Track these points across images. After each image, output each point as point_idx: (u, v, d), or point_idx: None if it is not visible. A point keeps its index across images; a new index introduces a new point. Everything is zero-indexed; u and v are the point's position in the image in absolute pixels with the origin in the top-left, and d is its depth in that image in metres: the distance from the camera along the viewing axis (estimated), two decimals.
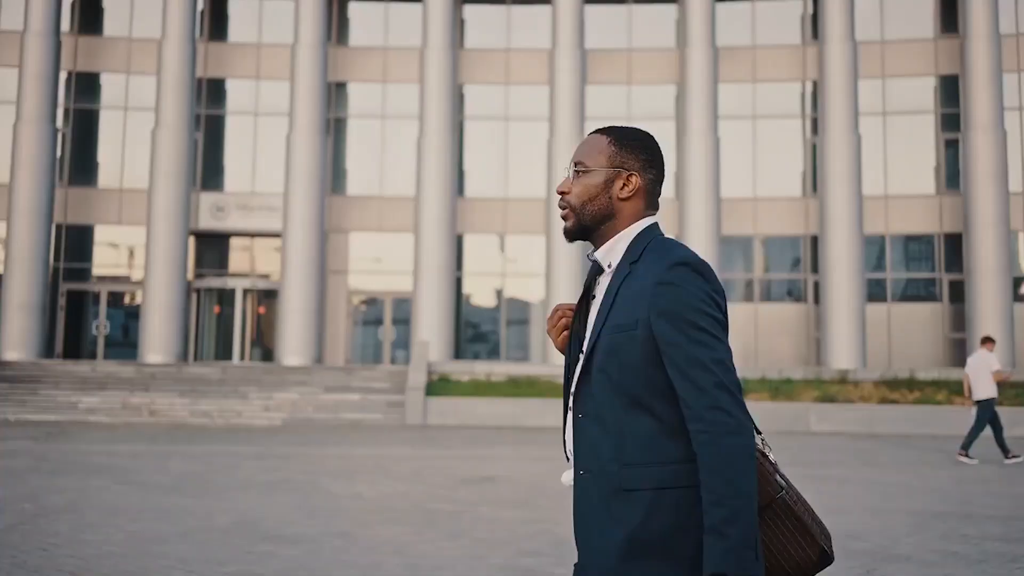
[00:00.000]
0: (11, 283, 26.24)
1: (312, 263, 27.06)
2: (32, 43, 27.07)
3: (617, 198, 2.21)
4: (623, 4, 29.81)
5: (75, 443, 15.53)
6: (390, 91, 29.57)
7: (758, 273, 28.87)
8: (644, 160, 2.23)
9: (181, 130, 27.24)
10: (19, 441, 15.61)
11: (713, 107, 27.45)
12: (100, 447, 14.85)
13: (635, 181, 2.21)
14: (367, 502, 9.22)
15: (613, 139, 2.24)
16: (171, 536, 7.24)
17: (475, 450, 15.22)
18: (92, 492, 9.54)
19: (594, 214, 2.22)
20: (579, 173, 2.24)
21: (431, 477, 11.44)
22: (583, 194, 2.22)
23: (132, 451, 14.28)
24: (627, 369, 2.08)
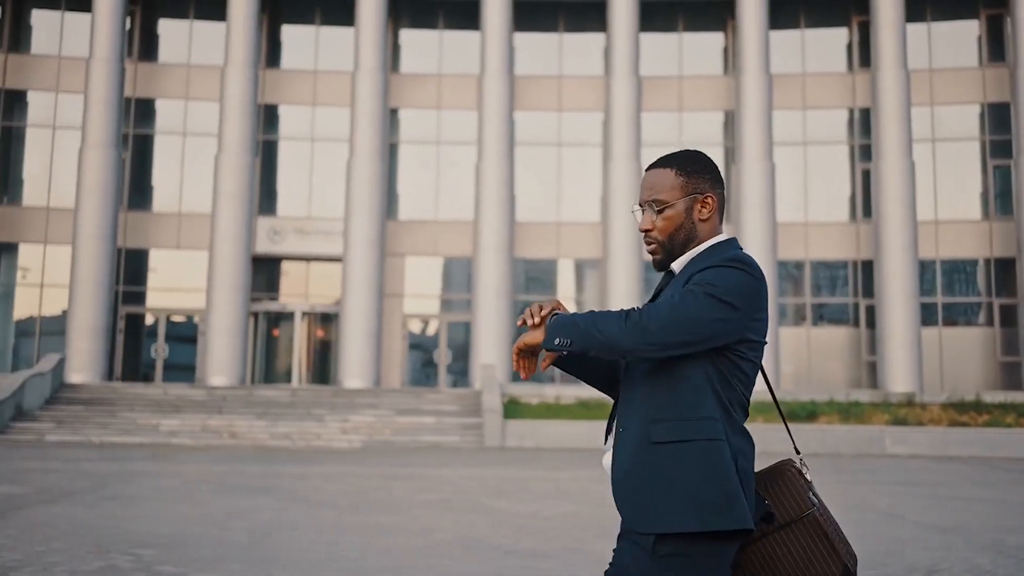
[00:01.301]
0: (77, 307, 26.47)
1: (372, 287, 27.34)
2: (97, 69, 27.42)
3: (698, 220, 2.40)
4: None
5: (189, 464, 15.73)
6: (445, 117, 29.93)
7: (809, 297, 29.21)
8: (711, 179, 2.43)
9: (243, 155, 27.59)
10: (132, 463, 15.81)
11: (768, 133, 27.88)
12: (222, 467, 15.06)
13: (711, 202, 2.41)
14: (559, 520, 9.47)
15: (678, 169, 2.42)
16: (424, 550, 7.48)
17: (586, 471, 15.46)
18: (293, 512, 9.76)
19: (681, 241, 2.41)
20: (661, 211, 2.40)
21: (587, 496, 11.68)
22: (668, 228, 2.41)
23: (262, 472, 14.50)
24: None
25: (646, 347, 2.20)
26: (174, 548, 7.31)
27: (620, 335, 2.20)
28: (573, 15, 30.55)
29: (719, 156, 29.94)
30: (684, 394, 2.27)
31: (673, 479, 2.22)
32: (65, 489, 11.37)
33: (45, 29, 29.96)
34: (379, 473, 14.70)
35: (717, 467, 2.22)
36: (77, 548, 7.25)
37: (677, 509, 2.20)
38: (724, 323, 2.23)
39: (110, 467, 14.82)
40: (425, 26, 30.63)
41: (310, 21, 30.55)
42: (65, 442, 20.55)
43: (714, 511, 2.19)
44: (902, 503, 11.52)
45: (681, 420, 2.26)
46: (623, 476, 2.30)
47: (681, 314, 2.20)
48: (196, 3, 30.06)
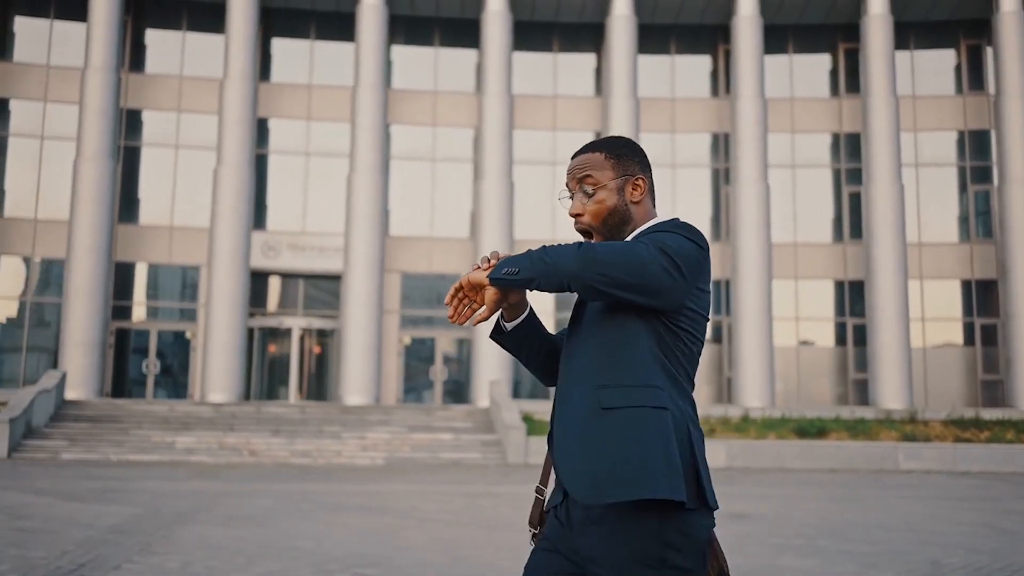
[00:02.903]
0: (71, 321, 25.90)
1: (372, 303, 27.26)
2: (93, 79, 26.93)
3: (631, 202, 2.37)
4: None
5: (246, 483, 15.52)
6: (440, 134, 30.00)
7: (799, 315, 29.86)
8: (639, 162, 2.40)
9: (242, 168, 27.32)
10: (179, 482, 15.56)
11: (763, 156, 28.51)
12: (284, 487, 14.90)
13: (642, 184, 2.39)
14: None
15: (609, 152, 2.38)
16: None
17: None
18: (431, 530, 9.74)
19: (613, 224, 2.37)
20: (590, 193, 2.37)
21: None
22: (600, 211, 2.36)
23: (331, 490, 14.38)
24: (607, 307, 2.27)
25: (593, 276, 2.12)
26: (394, 568, 7.30)
27: (569, 260, 2.12)
28: (567, 37, 30.92)
29: (707, 178, 30.60)
30: (630, 362, 2.23)
31: (624, 446, 2.16)
32: (178, 510, 11.18)
33: (30, 37, 29.29)
34: (445, 490, 14.69)
35: (664, 436, 2.16)
36: (301, 569, 7.20)
37: (627, 478, 2.13)
38: (670, 279, 2.17)
39: (165, 487, 14.56)
40: (421, 43, 30.64)
41: (305, 35, 30.38)
42: (82, 460, 20.07)
43: (661, 480, 2.13)
44: (996, 519, 11.92)
45: (630, 386, 2.21)
46: (571, 446, 2.23)
47: (632, 256, 2.13)
48: (188, 15, 29.67)
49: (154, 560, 7.52)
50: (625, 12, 28.79)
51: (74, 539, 8.58)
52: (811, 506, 13.17)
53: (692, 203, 30.45)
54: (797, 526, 10.72)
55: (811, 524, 10.90)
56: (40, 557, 7.54)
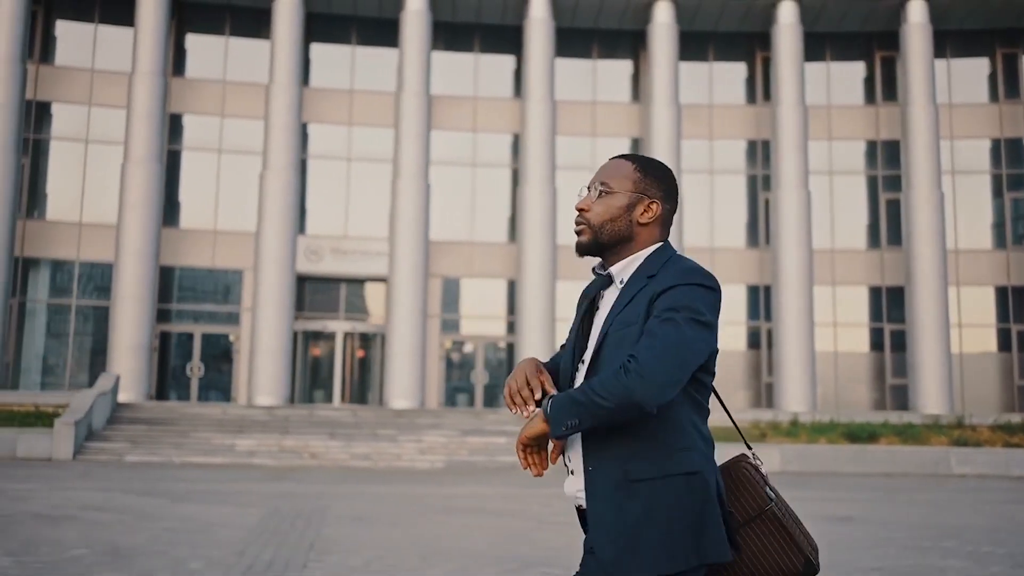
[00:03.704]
0: (119, 324, 26.02)
1: (417, 307, 27.42)
2: (140, 84, 27.08)
3: (637, 222, 2.32)
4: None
5: (332, 486, 15.67)
6: (480, 140, 30.19)
7: (837, 320, 30.07)
8: (665, 190, 2.35)
9: (288, 173, 27.49)
10: (265, 483, 15.70)
11: (804, 163, 28.72)
12: (374, 489, 15.06)
13: (656, 208, 2.32)
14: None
15: (638, 166, 2.35)
16: None
17: None
18: (574, 534, 9.93)
19: (612, 234, 2.32)
20: (603, 194, 2.33)
21: None
22: (604, 213, 2.32)
23: (416, 493, 14.54)
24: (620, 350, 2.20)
25: (661, 391, 2.10)
26: (574, 568, 7.48)
27: (629, 393, 2.09)
28: (606, 43, 31.13)
29: (743, 184, 30.83)
30: (659, 425, 2.18)
31: (652, 519, 2.15)
32: (298, 511, 11.33)
33: (74, 41, 29.43)
34: (532, 493, 14.85)
35: (697, 501, 2.16)
36: (484, 569, 7.37)
37: (656, 551, 2.14)
38: (708, 345, 2.20)
39: (259, 488, 14.71)
40: (462, 49, 30.82)
41: (347, 41, 30.54)
42: (147, 463, 20.20)
43: (692, 549, 2.15)
44: None
45: (661, 455, 2.18)
46: (602, 518, 2.21)
47: (679, 347, 2.12)
48: (232, 21, 29.82)
49: (334, 559, 7.69)
50: (667, 20, 29.01)
51: (231, 538, 8.74)
52: (904, 509, 13.37)
53: (729, 209, 30.68)
54: (909, 528, 10.91)
55: (921, 526, 11.09)
56: (220, 556, 7.71)
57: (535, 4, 28.86)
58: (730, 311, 29.97)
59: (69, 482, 14.91)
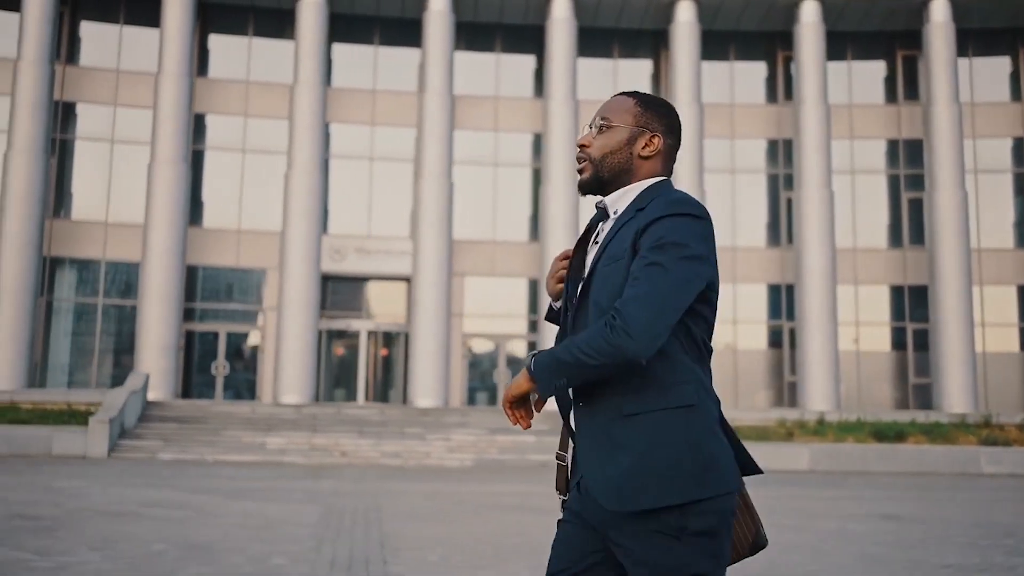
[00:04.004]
0: (146, 323, 26.16)
1: (441, 307, 27.53)
2: (166, 84, 27.20)
3: (638, 155, 2.29)
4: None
5: (368, 483, 15.76)
6: (502, 139, 30.29)
7: (860, 319, 30.12)
8: (667, 124, 2.33)
9: (313, 173, 27.60)
10: (302, 481, 15.81)
11: (827, 163, 28.77)
12: (403, 486, 15.16)
13: (657, 142, 2.30)
14: (866, 537, 9.87)
15: (639, 101, 2.33)
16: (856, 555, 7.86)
17: (775, 489, 15.86)
18: None
19: (613, 167, 2.29)
20: (603, 128, 2.31)
21: (831, 515, 12.12)
22: (605, 147, 2.30)
23: (456, 491, 14.64)
24: (614, 297, 2.16)
25: (652, 342, 2.08)
26: None
27: (618, 350, 2.07)
28: (626, 43, 31.20)
29: (763, 183, 30.89)
30: (652, 360, 2.13)
31: (650, 452, 2.11)
32: (354, 508, 11.43)
33: (97, 42, 29.55)
34: None
35: (694, 434, 2.13)
36: None
37: (657, 483, 2.10)
38: (701, 279, 2.15)
39: (304, 486, 14.81)
40: (483, 48, 30.91)
41: (369, 41, 30.64)
42: (181, 460, 20.32)
43: (695, 481, 2.10)
44: None
45: (653, 388, 2.15)
46: (593, 453, 2.19)
47: (666, 293, 2.09)
48: (255, 21, 29.93)
49: (408, 555, 7.78)
50: (689, 18, 29.08)
51: (299, 535, 8.83)
52: (946, 508, 13.44)
53: (750, 208, 30.75)
54: (960, 526, 10.98)
55: (972, 524, 11.16)
56: (299, 551, 7.80)
57: (557, 4, 28.95)
58: (751, 310, 30.08)
59: (114, 479, 15.02)
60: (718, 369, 28.56)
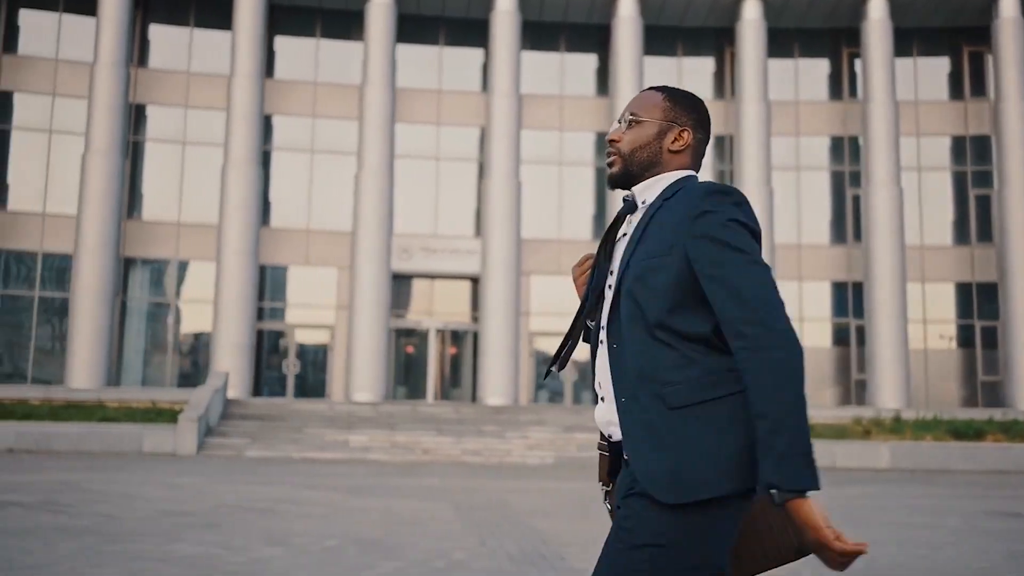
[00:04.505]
0: (223, 323, 26.50)
1: (510, 306, 27.70)
2: (238, 86, 27.55)
3: (667, 150, 2.28)
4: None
5: (462, 480, 15.94)
6: (567, 138, 30.41)
7: (929, 317, 29.97)
8: (696, 119, 2.31)
9: (383, 173, 27.84)
10: (402, 479, 16.01)
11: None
12: (498, 484, 15.32)
13: (687, 136, 2.28)
14: (1006, 535, 9.90)
15: (668, 96, 2.32)
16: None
17: (872, 487, 15.91)
18: None
19: (642, 161, 2.28)
20: (632, 124, 2.30)
21: (952, 512, 12.14)
22: (634, 142, 2.29)
23: (555, 488, 14.79)
24: (660, 293, 2.12)
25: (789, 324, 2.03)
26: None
27: (783, 361, 2.00)
28: (691, 41, 31.22)
29: (827, 180, 30.79)
30: (692, 349, 2.11)
31: (702, 443, 2.06)
32: (475, 504, 11.59)
33: (168, 44, 29.94)
34: None
35: (738, 425, 2.07)
36: None
37: (713, 473, 2.04)
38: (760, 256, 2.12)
39: (409, 483, 15.02)
40: (548, 48, 31.04)
41: (434, 42, 30.85)
42: (267, 458, 20.61)
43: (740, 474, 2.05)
44: None
45: (700, 379, 2.09)
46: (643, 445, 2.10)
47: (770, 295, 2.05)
48: (322, 23, 30.22)
49: (574, 551, 7.91)
50: (755, 16, 29.06)
51: (454, 531, 9.00)
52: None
53: (814, 205, 30.69)
54: None
55: None
56: (471, 545, 7.96)
57: (623, 2, 29.04)
58: (816, 308, 30.03)
59: (223, 476, 15.29)
60: None
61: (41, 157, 28.42)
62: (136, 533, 8.40)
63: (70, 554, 7.18)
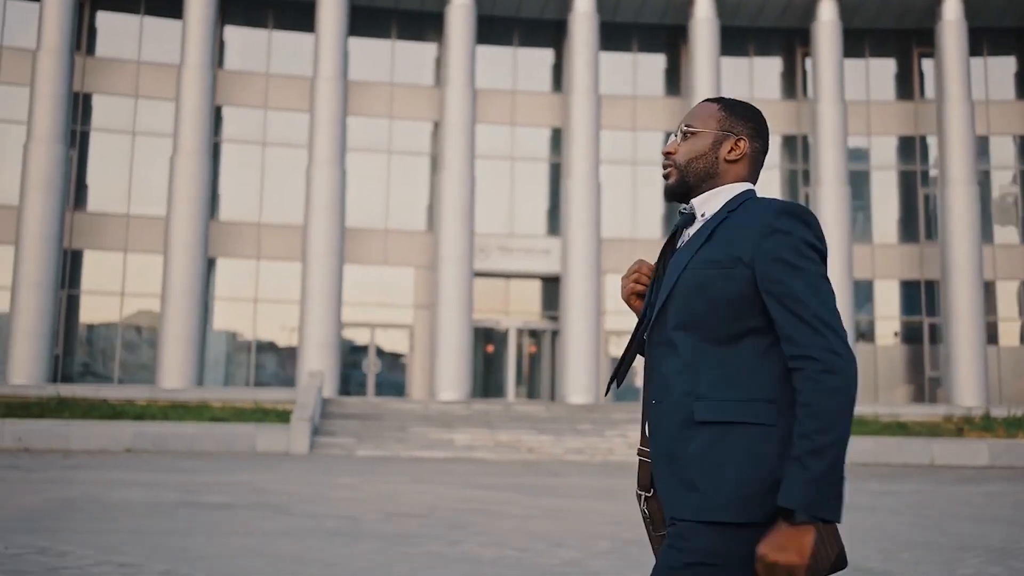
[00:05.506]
0: (310, 323, 26.76)
1: (591, 305, 27.96)
2: (323, 88, 27.79)
3: (724, 160, 2.24)
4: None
5: (581, 479, 16.20)
6: (640, 138, 30.65)
7: (1000, 315, 30.19)
8: (752, 128, 2.27)
9: (463, 173, 28.08)
10: (542, 479, 16.26)
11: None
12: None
13: (743, 146, 2.24)
14: None
15: (723, 106, 2.28)
16: None
17: (932, 484, 16.15)
18: (901, 521, 10.37)
19: (699, 172, 2.24)
20: (688, 135, 2.26)
21: None
22: (690, 153, 2.25)
23: None
24: (716, 305, 2.08)
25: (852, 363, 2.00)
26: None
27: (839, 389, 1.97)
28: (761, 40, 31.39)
29: (894, 180, 31.02)
30: (735, 370, 2.08)
31: (716, 464, 2.04)
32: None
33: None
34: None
35: (763, 455, 2.03)
36: (873, 553, 7.84)
37: (719, 498, 2.02)
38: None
39: (538, 481, 15.28)
40: (621, 48, 31.28)
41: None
42: (379, 457, 20.87)
43: (755, 503, 2.02)
44: None
45: (731, 400, 2.06)
46: (664, 457, 2.11)
47: (835, 320, 2.03)
48: (397, 24, 30.45)
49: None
50: (831, 17, 29.28)
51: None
52: None
53: (885, 205, 30.95)
54: None
55: None
56: None
57: (700, 3, 29.24)
58: (887, 306, 30.33)
59: (362, 476, 15.54)
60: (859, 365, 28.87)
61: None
62: (411, 535, 8.63)
63: (380, 557, 7.44)
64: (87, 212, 28.45)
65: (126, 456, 18.95)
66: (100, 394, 23.37)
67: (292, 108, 29.18)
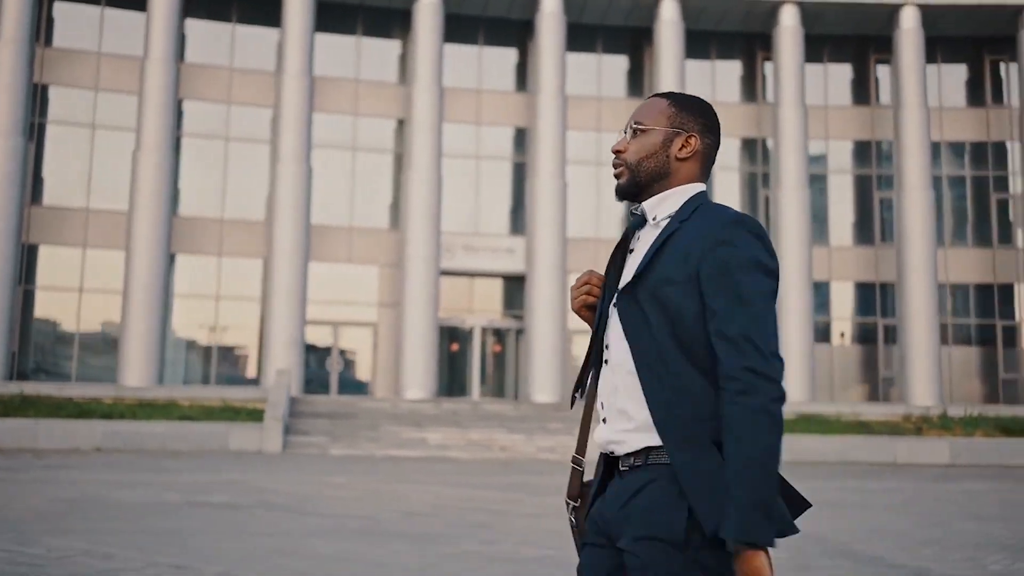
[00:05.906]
0: (274, 321, 26.52)
1: (557, 304, 28.09)
2: (290, 84, 27.55)
3: (675, 158, 2.18)
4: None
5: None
6: (604, 139, 30.88)
7: (949, 319, 30.99)
8: (703, 124, 2.21)
9: (431, 172, 28.04)
10: (529, 477, 16.34)
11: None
12: None
13: (694, 143, 2.19)
14: None
15: (673, 102, 2.22)
16: None
17: (902, 481, 16.60)
18: (891, 516, 10.66)
19: (650, 171, 2.18)
20: (637, 133, 2.21)
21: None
22: (640, 151, 2.19)
23: None
24: (676, 322, 2.04)
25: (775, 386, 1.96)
26: None
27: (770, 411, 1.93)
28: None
29: (849, 184, 31.67)
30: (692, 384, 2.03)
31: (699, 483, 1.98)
32: None
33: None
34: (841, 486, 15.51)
35: None
36: (900, 552, 8.09)
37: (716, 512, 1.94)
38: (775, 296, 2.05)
39: (534, 480, 15.36)
40: (585, 50, 31.49)
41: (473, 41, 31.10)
42: (354, 456, 20.77)
43: None
44: None
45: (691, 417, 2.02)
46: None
47: (767, 342, 1.98)
48: (363, 20, 30.31)
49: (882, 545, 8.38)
50: (793, 23, 29.76)
51: None
52: None
53: (840, 207, 31.65)
54: None
55: None
56: None
57: (665, 6, 29.53)
58: (842, 308, 30.98)
59: (346, 475, 15.48)
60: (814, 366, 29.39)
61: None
62: (439, 535, 8.64)
63: (424, 557, 7.45)
64: (43, 206, 27.85)
65: (98, 455, 18.62)
66: (63, 392, 22.90)
67: (255, 103, 28.89)
